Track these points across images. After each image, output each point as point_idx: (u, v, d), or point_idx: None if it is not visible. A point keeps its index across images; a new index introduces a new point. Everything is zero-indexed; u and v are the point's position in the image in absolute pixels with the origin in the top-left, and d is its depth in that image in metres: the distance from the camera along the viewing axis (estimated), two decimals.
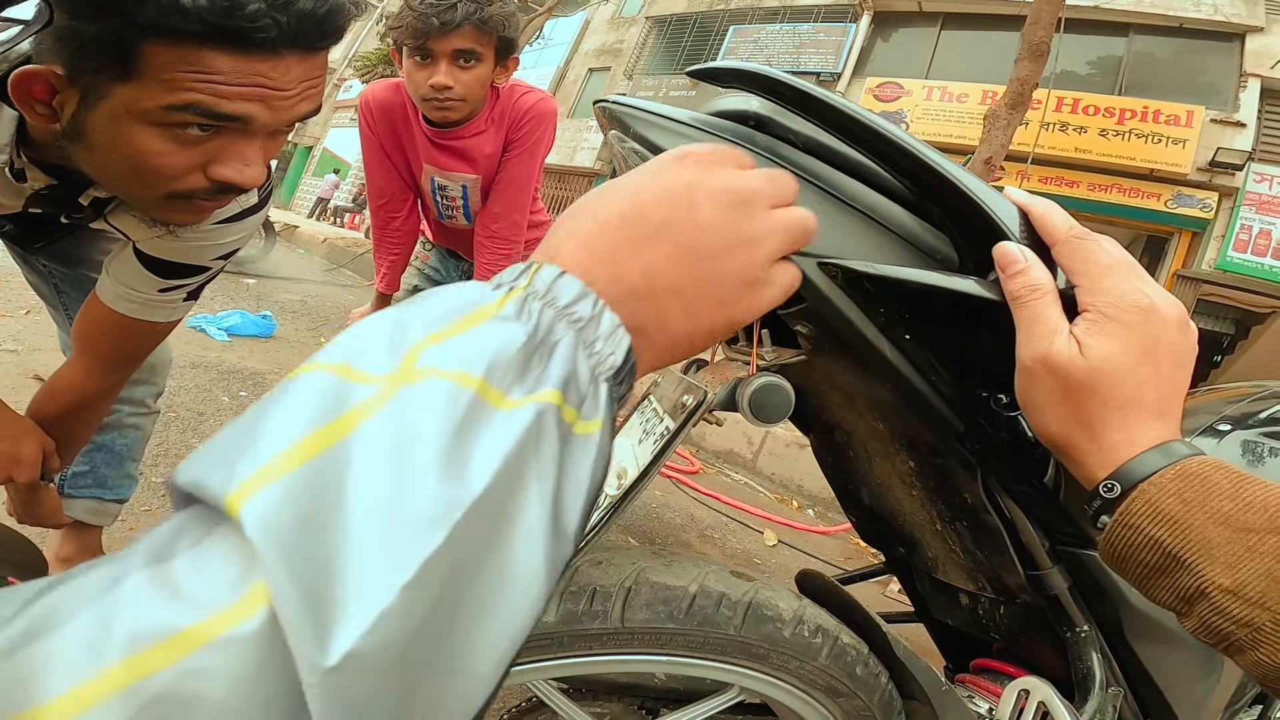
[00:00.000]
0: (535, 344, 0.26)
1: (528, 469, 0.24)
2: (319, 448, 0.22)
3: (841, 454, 0.69)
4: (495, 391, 0.25)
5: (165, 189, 0.68)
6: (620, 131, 0.53)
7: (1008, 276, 0.42)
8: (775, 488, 3.50)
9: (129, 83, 0.61)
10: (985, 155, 4.69)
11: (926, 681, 0.59)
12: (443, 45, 1.26)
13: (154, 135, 0.63)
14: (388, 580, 0.21)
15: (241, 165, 0.67)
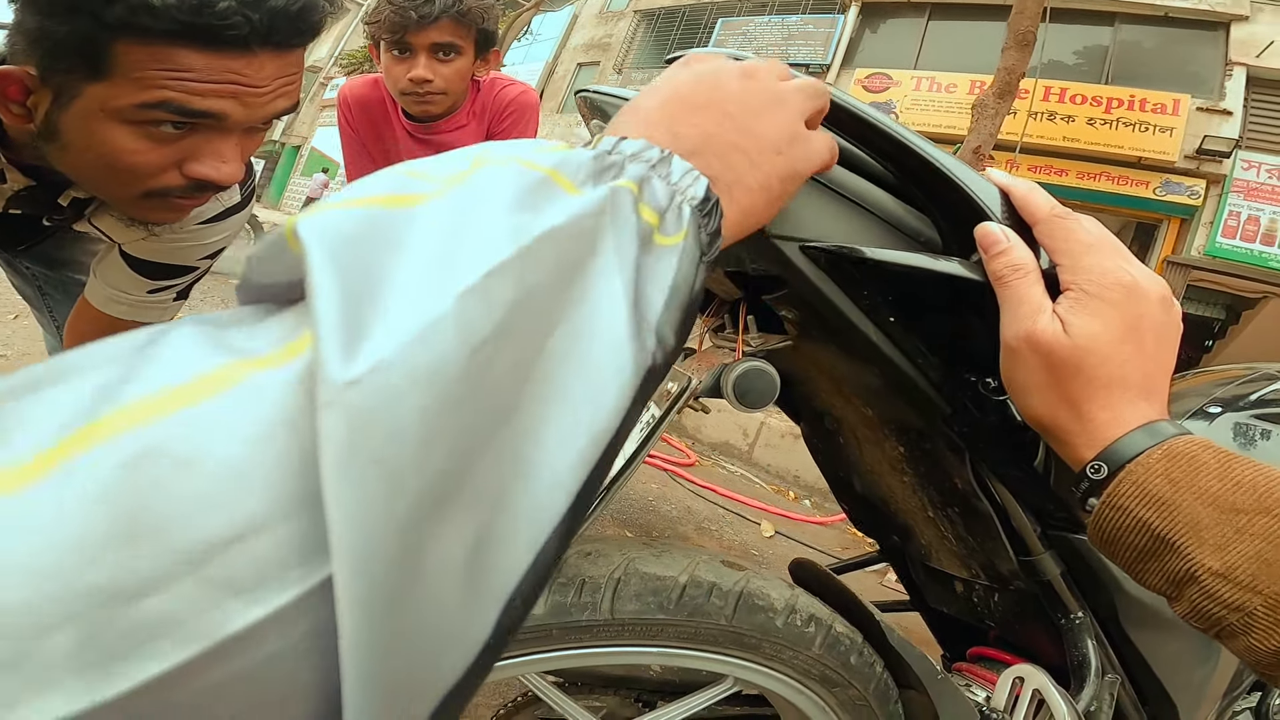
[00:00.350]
0: (606, 164, 0.26)
1: (604, 233, 0.23)
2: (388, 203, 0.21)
3: (832, 441, 0.69)
4: (567, 180, 0.24)
5: (141, 187, 0.67)
6: (601, 120, 0.53)
7: (990, 257, 0.41)
8: (771, 479, 3.51)
9: (101, 81, 0.60)
10: (974, 144, 4.70)
11: (922, 670, 0.59)
12: (421, 39, 1.25)
13: (128, 133, 0.63)
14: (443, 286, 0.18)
15: (218, 162, 0.66)
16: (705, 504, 2.84)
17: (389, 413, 0.15)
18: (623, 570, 0.56)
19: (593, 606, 0.55)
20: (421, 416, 0.16)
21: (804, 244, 0.46)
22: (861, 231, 0.47)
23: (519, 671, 0.58)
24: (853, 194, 0.48)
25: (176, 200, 0.70)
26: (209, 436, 0.14)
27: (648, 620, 0.56)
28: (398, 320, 0.16)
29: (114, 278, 0.91)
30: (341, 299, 0.16)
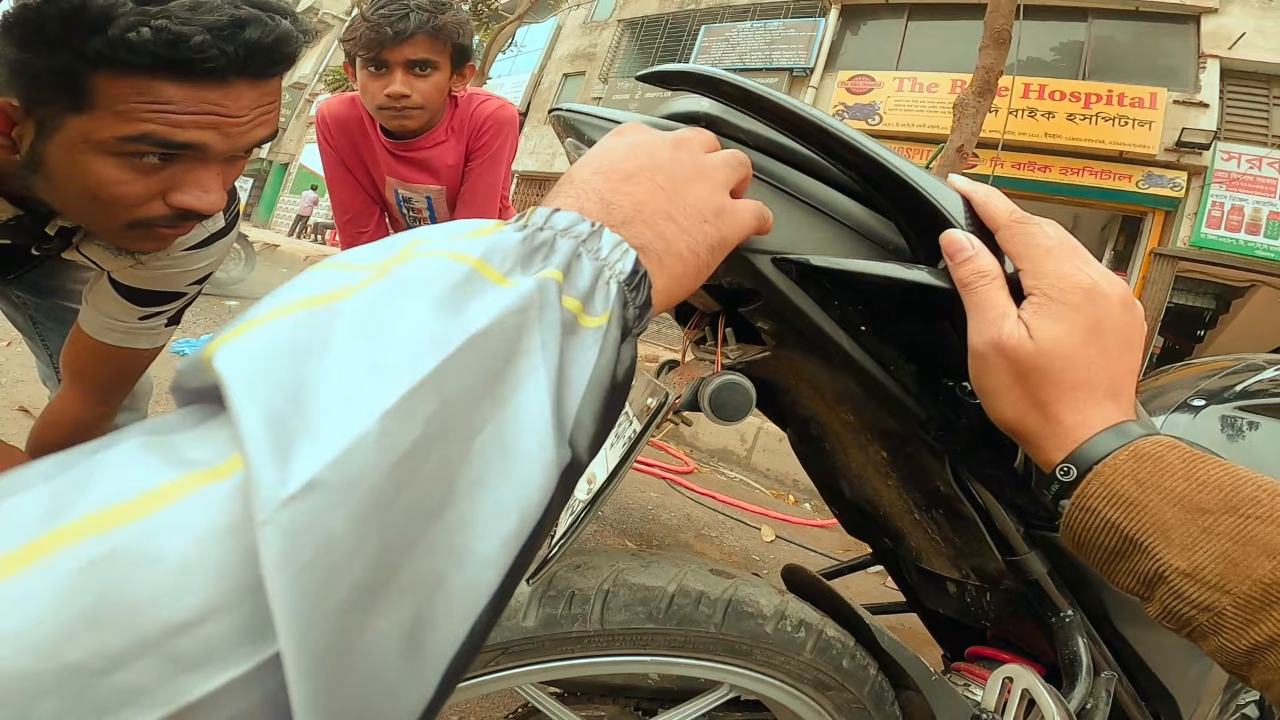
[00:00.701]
0: (534, 245, 0.27)
1: (530, 330, 0.24)
2: (307, 306, 0.21)
3: (818, 447, 0.69)
4: (494, 271, 0.25)
5: (126, 217, 0.67)
6: (576, 139, 0.53)
7: (956, 264, 0.42)
8: (771, 483, 3.51)
9: (83, 114, 0.61)
10: (957, 144, 4.73)
11: (915, 671, 0.59)
12: (397, 55, 1.26)
13: (111, 165, 0.63)
14: (366, 405, 0.19)
15: (200, 192, 0.67)
16: (705, 510, 2.84)
17: (320, 525, 0.17)
18: (611, 581, 0.56)
19: (583, 618, 0.55)
20: (351, 524, 0.18)
21: (775, 256, 0.47)
22: (831, 241, 0.48)
23: (514, 683, 0.59)
24: (821, 203, 0.49)
25: (161, 230, 0.71)
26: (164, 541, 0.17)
27: (637, 630, 0.56)
28: (323, 441, 0.18)
29: (105, 305, 0.92)
30: (265, 425, 0.18)
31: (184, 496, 0.17)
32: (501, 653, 0.55)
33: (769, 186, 0.50)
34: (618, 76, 12.96)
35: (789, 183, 0.50)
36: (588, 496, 0.53)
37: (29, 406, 2.14)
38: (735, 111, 0.52)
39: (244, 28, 0.61)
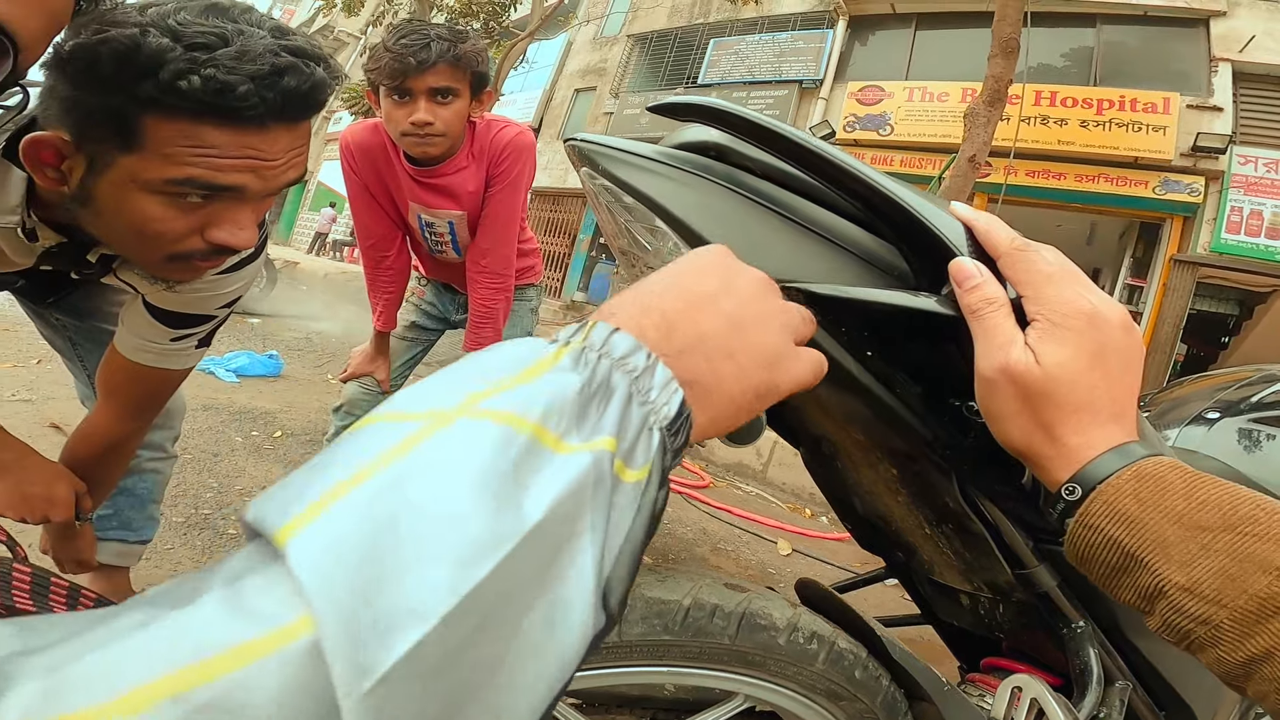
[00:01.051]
0: (592, 391, 0.27)
1: (584, 513, 0.24)
2: (369, 475, 0.22)
3: (831, 465, 0.71)
4: (552, 436, 0.25)
5: (167, 251, 0.72)
6: (590, 169, 0.55)
7: (963, 291, 0.43)
8: (787, 497, 3.51)
9: (132, 154, 0.65)
10: (969, 153, 4.72)
11: (927, 682, 0.61)
12: (420, 83, 1.30)
13: (156, 203, 0.67)
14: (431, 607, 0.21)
15: (236, 229, 0.71)
16: (721, 525, 2.84)
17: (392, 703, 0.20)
18: (629, 595, 0.58)
19: None
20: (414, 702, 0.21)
21: (784, 284, 0.49)
22: (838, 269, 0.50)
23: None
24: (827, 230, 0.51)
25: (197, 263, 0.75)
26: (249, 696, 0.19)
27: (654, 641, 0.58)
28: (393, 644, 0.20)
29: (139, 327, 0.96)
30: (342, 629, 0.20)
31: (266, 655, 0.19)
32: None
33: (776, 215, 0.51)
34: (628, 91, 13.05)
35: (796, 211, 0.52)
36: None
37: (60, 423, 2.20)
38: (743, 142, 0.54)
39: (283, 76, 0.65)
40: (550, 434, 0.25)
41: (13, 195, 0.75)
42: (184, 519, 1.93)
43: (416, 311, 1.79)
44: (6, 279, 1.01)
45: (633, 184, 0.53)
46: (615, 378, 0.27)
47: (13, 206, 0.76)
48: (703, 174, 0.53)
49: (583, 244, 13.04)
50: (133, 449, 1.13)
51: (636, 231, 0.56)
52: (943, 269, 0.46)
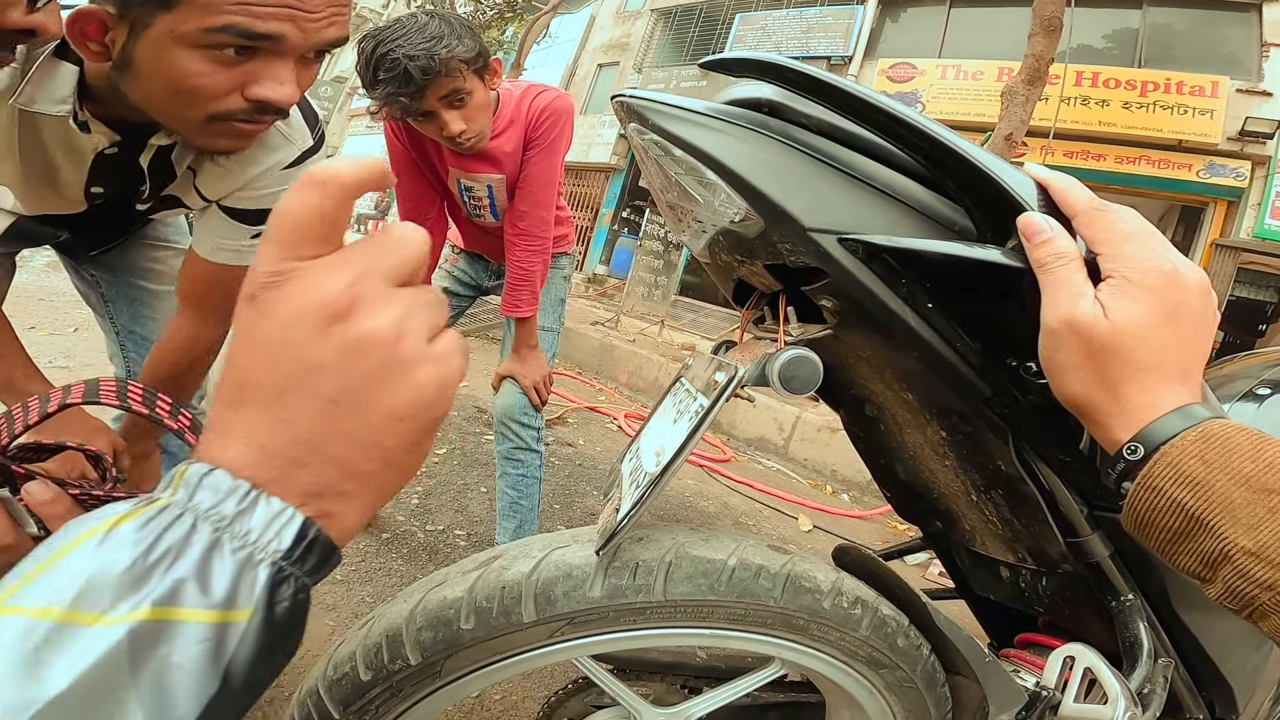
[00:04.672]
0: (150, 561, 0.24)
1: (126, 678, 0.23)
2: None
3: (873, 428, 0.70)
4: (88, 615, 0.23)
5: (206, 110, 0.72)
6: (639, 124, 0.55)
7: (1034, 245, 0.43)
8: (808, 473, 3.50)
9: (171, 10, 0.65)
10: (1006, 132, 4.61)
11: (970, 653, 0.60)
12: (428, 103, 1.29)
13: (194, 57, 0.68)
14: None
15: (276, 84, 0.71)
16: (742, 499, 2.84)
17: None
18: (674, 554, 0.58)
19: (647, 589, 0.57)
20: None
21: (842, 236, 0.48)
22: (897, 222, 0.49)
23: (576, 654, 0.61)
24: (886, 186, 0.50)
25: (239, 125, 0.75)
26: None
27: (699, 601, 0.58)
28: None
29: (217, 230, 0.98)
30: None
31: None
32: (567, 623, 0.57)
33: (833, 169, 0.51)
34: (652, 66, 12.89)
35: (853, 166, 0.51)
36: (656, 469, 0.54)
37: None
38: (798, 97, 0.53)
39: None
40: (85, 614, 0.23)
41: (63, 86, 0.77)
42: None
43: (449, 278, 1.80)
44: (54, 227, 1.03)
45: (684, 137, 0.53)
46: (194, 536, 0.25)
47: (63, 96, 0.78)
48: (757, 129, 0.52)
49: (605, 218, 13.00)
50: (209, 364, 1.12)
51: (687, 184, 0.55)
52: (1008, 225, 0.45)
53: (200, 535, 0.25)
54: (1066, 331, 0.40)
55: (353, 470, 0.28)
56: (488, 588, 0.57)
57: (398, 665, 0.55)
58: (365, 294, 0.27)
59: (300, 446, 0.27)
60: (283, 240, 0.27)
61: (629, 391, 4.92)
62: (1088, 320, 0.40)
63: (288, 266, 0.27)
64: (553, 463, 2.75)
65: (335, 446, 0.27)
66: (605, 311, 7.28)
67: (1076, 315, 0.40)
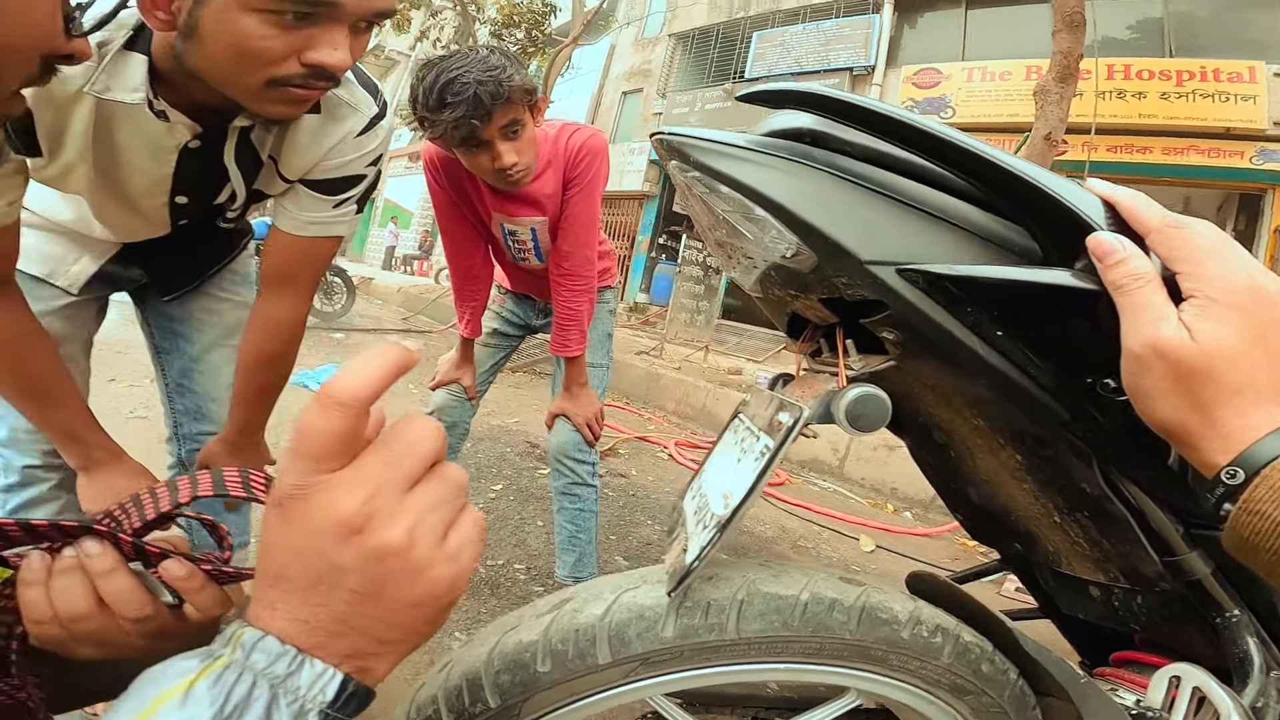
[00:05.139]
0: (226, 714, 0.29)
1: None
2: None
3: (942, 454, 0.69)
4: None
5: (266, 74, 0.76)
6: (680, 161, 0.55)
7: (1107, 266, 0.42)
8: (866, 493, 3.43)
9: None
10: (1044, 132, 4.51)
11: (1063, 675, 0.58)
12: (489, 131, 1.31)
13: (256, 21, 0.71)
14: None
15: (331, 49, 0.75)
16: (800, 521, 2.80)
17: None
18: (745, 591, 0.58)
19: (719, 627, 0.57)
20: None
21: (900, 267, 0.48)
22: (956, 248, 0.48)
23: (650, 693, 0.61)
24: (940, 211, 0.49)
25: (295, 90, 0.78)
26: None
27: (773, 637, 0.57)
28: None
29: (302, 204, 1.03)
30: None
31: None
32: (641, 663, 0.57)
33: (884, 197, 0.50)
34: (676, 90, 13.03)
35: (903, 192, 0.50)
36: (726, 513, 0.54)
37: None
38: (840, 125, 0.53)
39: None
40: None
41: (135, 74, 0.81)
42: None
43: (498, 319, 1.83)
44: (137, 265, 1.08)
45: (728, 173, 0.52)
46: (255, 691, 0.30)
47: (137, 84, 0.81)
48: (800, 159, 0.52)
49: (642, 245, 13.08)
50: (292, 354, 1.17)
51: (735, 221, 0.55)
52: (1076, 245, 0.44)
53: (260, 691, 0.30)
54: (1152, 356, 0.40)
55: (380, 638, 0.33)
56: (562, 630, 0.57)
57: (478, 708, 0.56)
58: (379, 509, 0.32)
59: (334, 623, 0.32)
60: (307, 456, 0.32)
61: (677, 419, 4.91)
62: (1174, 344, 0.39)
63: (311, 481, 0.32)
64: (606, 494, 2.76)
65: (363, 624, 0.32)
66: (649, 340, 7.30)
67: (1161, 340, 0.39)
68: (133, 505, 0.50)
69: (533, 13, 11.70)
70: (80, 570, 0.46)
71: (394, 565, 0.32)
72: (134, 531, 0.49)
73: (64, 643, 0.46)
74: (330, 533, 0.31)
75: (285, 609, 0.32)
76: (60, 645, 0.47)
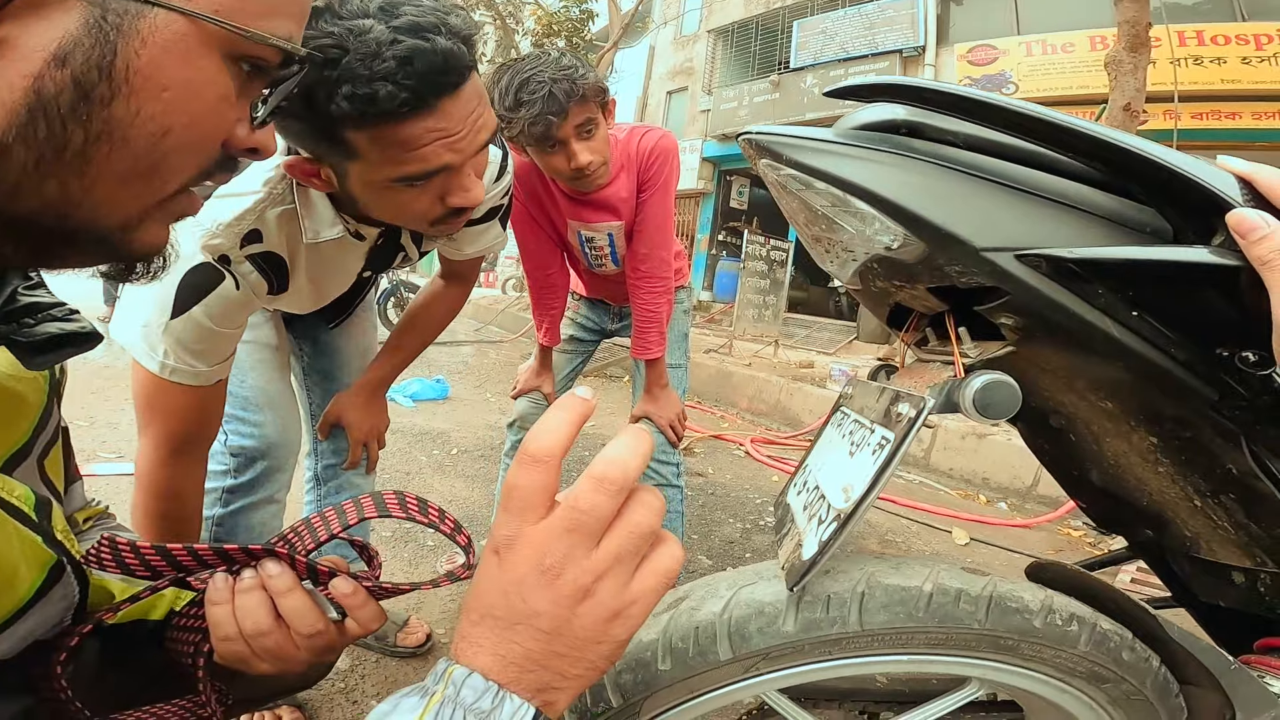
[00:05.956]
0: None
1: None
2: None
3: (1061, 438, 0.67)
4: None
5: (425, 220, 0.86)
6: (771, 160, 0.55)
7: (1251, 242, 0.41)
8: (956, 484, 3.32)
9: (356, 161, 0.77)
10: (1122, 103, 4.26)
11: (1211, 662, 0.56)
12: (564, 130, 1.33)
13: (396, 192, 0.80)
14: None
15: (463, 193, 0.83)
16: (886, 515, 2.73)
17: None
18: (865, 584, 0.58)
19: (841, 620, 0.57)
20: None
21: (1020, 252, 0.47)
22: (1080, 231, 0.47)
23: (768, 688, 0.61)
24: (1060, 196, 0.48)
25: (452, 221, 0.88)
26: None
27: (898, 629, 0.57)
28: None
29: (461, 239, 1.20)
30: None
31: None
32: (762, 659, 0.58)
33: (995, 185, 0.49)
34: (721, 86, 12.88)
35: (1015, 178, 0.50)
36: (848, 506, 0.55)
37: None
38: (937, 115, 0.52)
39: (412, 62, 0.70)
40: None
41: (326, 210, 0.93)
42: (390, 533, 2.16)
43: (574, 325, 1.86)
44: None
45: (825, 169, 0.52)
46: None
47: (331, 219, 0.93)
48: (902, 151, 0.52)
49: (701, 243, 13.02)
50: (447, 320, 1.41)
51: (835, 215, 0.55)
52: (1211, 223, 0.43)
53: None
54: None
55: (565, 674, 0.37)
56: (681, 629, 0.58)
57: (600, 708, 0.58)
58: (572, 561, 0.36)
59: (528, 660, 0.36)
60: (515, 510, 0.37)
61: (751, 416, 4.88)
62: None
63: (518, 531, 0.37)
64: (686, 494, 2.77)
65: (551, 661, 0.36)
66: (717, 338, 7.27)
67: None
68: (305, 528, 0.54)
69: (570, 20, 11.83)
70: (261, 589, 0.51)
71: (582, 610, 0.36)
72: (306, 553, 0.53)
73: (245, 658, 0.51)
74: (532, 579, 0.36)
75: (488, 644, 0.36)
76: (241, 660, 0.51)
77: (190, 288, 0.85)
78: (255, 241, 0.89)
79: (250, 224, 0.88)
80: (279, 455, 1.22)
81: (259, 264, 0.91)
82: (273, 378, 1.21)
